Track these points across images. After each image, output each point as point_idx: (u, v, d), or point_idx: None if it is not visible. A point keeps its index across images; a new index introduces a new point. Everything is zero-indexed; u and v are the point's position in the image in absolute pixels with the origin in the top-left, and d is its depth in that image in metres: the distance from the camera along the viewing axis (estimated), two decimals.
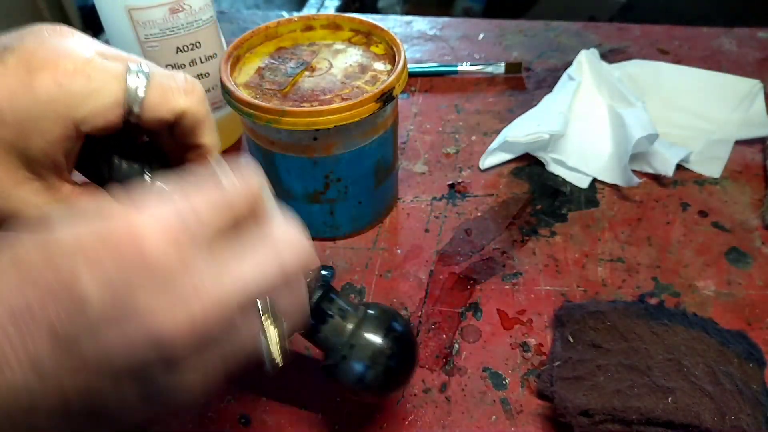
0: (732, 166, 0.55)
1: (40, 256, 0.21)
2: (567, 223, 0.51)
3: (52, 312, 0.20)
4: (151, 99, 0.29)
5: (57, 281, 0.20)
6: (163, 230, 0.21)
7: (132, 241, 0.20)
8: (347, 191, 0.47)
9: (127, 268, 0.20)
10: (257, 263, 0.23)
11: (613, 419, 0.35)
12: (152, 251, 0.20)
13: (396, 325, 0.33)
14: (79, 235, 0.21)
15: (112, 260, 0.20)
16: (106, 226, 0.21)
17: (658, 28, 0.74)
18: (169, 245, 0.21)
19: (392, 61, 0.46)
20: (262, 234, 0.24)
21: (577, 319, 0.41)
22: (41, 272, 0.20)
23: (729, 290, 0.45)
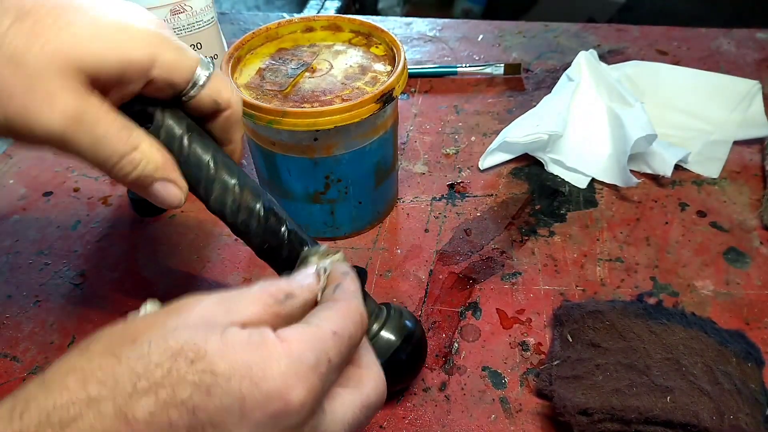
0: (730, 166, 0.55)
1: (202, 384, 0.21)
2: (566, 223, 0.51)
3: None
4: (213, 83, 0.32)
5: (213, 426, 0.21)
6: (311, 389, 0.22)
7: (284, 397, 0.22)
8: (347, 191, 0.47)
9: (272, 424, 0.22)
10: (355, 411, 0.25)
11: (611, 418, 0.35)
12: (299, 412, 0.22)
13: (411, 327, 0.36)
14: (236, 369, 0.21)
15: (264, 416, 0.21)
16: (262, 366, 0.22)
17: (657, 29, 0.74)
18: (311, 404, 0.22)
19: (392, 62, 0.46)
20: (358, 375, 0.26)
21: (575, 318, 0.41)
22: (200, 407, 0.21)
23: (727, 290, 0.45)
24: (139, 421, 0.20)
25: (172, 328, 0.22)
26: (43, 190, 0.57)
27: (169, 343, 0.22)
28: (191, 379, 0.21)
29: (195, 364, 0.21)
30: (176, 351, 0.21)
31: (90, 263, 0.49)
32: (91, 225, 0.53)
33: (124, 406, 0.20)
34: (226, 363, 0.21)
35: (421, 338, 0.37)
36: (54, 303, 0.46)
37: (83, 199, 0.55)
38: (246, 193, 0.33)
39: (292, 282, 0.27)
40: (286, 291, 0.26)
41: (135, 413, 0.20)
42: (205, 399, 0.21)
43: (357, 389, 0.25)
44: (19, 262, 0.50)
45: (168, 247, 0.50)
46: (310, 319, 0.25)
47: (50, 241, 0.52)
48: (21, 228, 0.53)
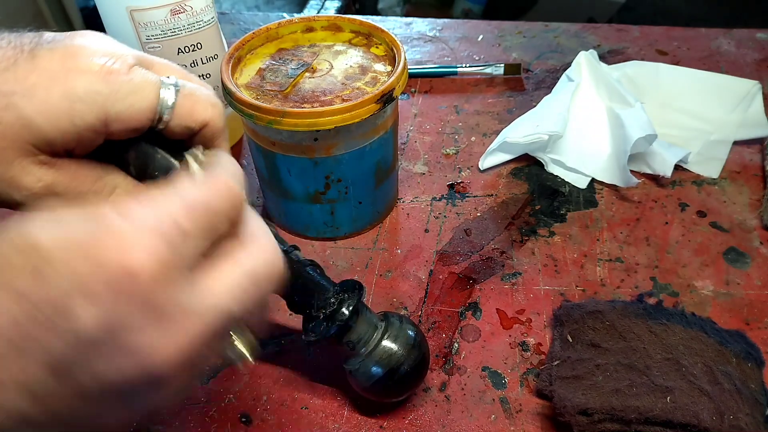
0: (730, 166, 0.55)
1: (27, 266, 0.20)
2: (566, 223, 0.51)
3: (46, 340, 0.20)
4: (181, 108, 0.30)
5: (51, 307, 0.20)
6: (156, 252, 0.21)
7: (126, 264, 0.20)
8: (348, 192, 0.47)
9: (121, 298, 0.20)
10: (236, 285, 0.23)
11: (611, 418, 0.35)
12: (147, 278, 0.20)
13: (413, 336, 0.36)
14: (67, 245, 0.20)
15: (106, 288, 0.20)
16: (96, 238, 0.21)
17: (657, 29, 0.74)
18: (162, 270, 0.21)
19: (392, 62, 0.46)
20: (239, 247, 0.24)
21: (575, 318, 0.41)
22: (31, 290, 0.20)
23: (727, 290, 0.45)
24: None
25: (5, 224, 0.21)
26: None
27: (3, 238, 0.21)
28: (23, 266, 0.20)
29: (26, 252, 0.20)
30: (7, 242, 0.21)
31: None
32: None
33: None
34: (58, 244, 0.20)
35: (423, 346, 0.37)
36: None
37: None
38: None
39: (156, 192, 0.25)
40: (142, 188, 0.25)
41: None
42: (40, 283, 0.20)
43: (235, 260, 0.24)
44: None
45: None
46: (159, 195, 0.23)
47: None
48: None
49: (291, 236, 0.51)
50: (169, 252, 0.21)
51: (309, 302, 0.35)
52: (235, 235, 0.25)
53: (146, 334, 0.21)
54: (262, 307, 0.25)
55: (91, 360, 0.20)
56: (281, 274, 0.25)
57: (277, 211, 0.51)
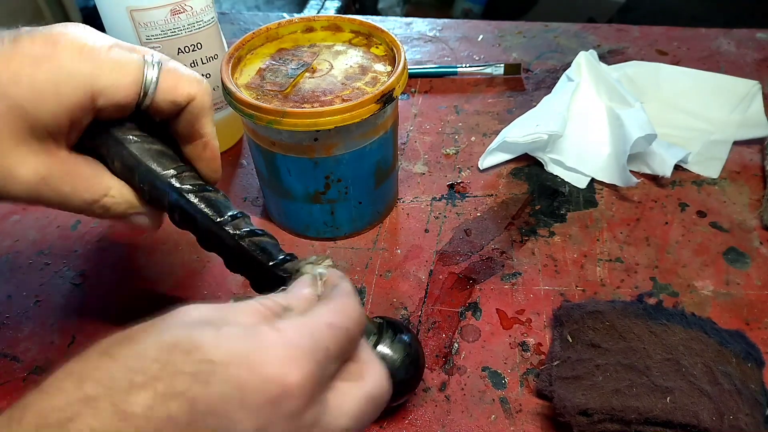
0: (730, 166, 0.55)
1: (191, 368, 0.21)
2: (566, 223, 0.51)
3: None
4: (165, 83, 0.31)
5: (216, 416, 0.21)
6: (308, 371, 0.22)
7: (283, 380, 0.21)
8: (348, 192, 0.47)
9: (275, 412, 0.21)
10: (358, 406, 0.25)
11: (611, 419, 0.35)
12: (298, 396, 0.22)
13: (408, 342, 0.36)
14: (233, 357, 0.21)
15: (265, 402, 0.21)
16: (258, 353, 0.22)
17: (657, 29, 0.74)
18: (311, 389, 0.22)
19: (392, 62, 0.46)
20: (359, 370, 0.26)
21: (575, 318, 0.41)
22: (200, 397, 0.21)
23: (727, 290, 0.45)
24: (137, 416, 0.20)
25: (167, 327, 0.22)
26: None
27: (165, 338, 0.22)
28: (188, 369, 0.21)
29: (191, 355, 0.21)
30: (172, 345, 0.21)
31: (90, 263, 0.49)
32: (91, 225, 0.53)
33: (122, 402, 0.20)
34: (222, 352, 0.21)
35: (418, 351, 0.37)
36: (54, 303, 0.46)
37: None
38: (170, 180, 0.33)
39: (289, 295, 0.27)
40: (282, 303, 0.26)
41: (133, 408, 0.20)
42: (204, 388, 0.21)
43: (359, 382, 0.25)
44: (19, 262, 0.50)
45: (168, 247, 0.50)
46: (305, 314, 0.25)
47: (50, 241, 0.51)
48: (21, 228, 0.53)
49: (291, 236, 0.51)
50: (316, 370, 0.23)
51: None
52: (355, 357, 0.26)
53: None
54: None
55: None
56: (389, 394, 0.27)
57: (277, 211, 0.51)
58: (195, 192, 0.33)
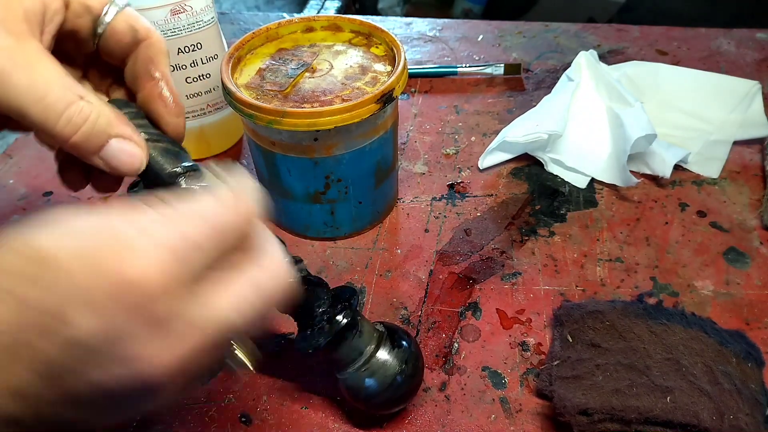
0: (730, 166, 0.55)
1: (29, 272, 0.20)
2: (566, 223, 0.51)
3: (41, 347, 0.19)
4: (129, 12, 0.31)
5: (48, 314, 0.19)
6: (161, 263, 0.20)
7: (129, 274, 0.20)
8: (348, 191, 0.47)
9: (121, 308, 0.20)
10: (241, 298, 0.23)
11: (611, 418, 0.35)
12: (149, 290, 0.20)
13: (407, 347, 0.36)
14: (71, 254, 0.20)
15: (107, 297, 0.20)
16: (102, 248, 0.20)
17: (657, 29, 0.74)
18: (166, 282, 0.20)
19: (392, 62, 0.46)
20: (247, 260, 0.24)
21: (575, 318, 0.41)
22: (30, 296, 0.19)
23: (727, 290, 0.45)
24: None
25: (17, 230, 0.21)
26: (43, 190, 0.57)
27: (8, 241, 0.20)
28: (17, 268, 0.20)
29: (31, 259, 0.20)
30: (14, 248, 0.20)
31: None
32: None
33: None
34: (65, 253, 0.20)
35: (418, 357, 0.36)
36: None
37: (83, 199, 0.55)
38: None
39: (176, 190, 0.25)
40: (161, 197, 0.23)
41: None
42: (40, 290, 0.19)
43: (241, 273, 0.23)
44: None
45: None
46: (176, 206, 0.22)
47: None
48: None
49: (291, 236, 0.51)
50: (177, 265, 0.21)
51: (303, 312, 0.34)
52: (244, 248, 0.24)
53: (144, 345, 0.20)
54: (265, 318, 0.25)
55: (86, 367, 0.20)
56: (288, 287, 0.25)
57: (277, 211, 0.51)
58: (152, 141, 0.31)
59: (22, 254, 0.20)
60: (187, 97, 0.54)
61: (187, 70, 0.52)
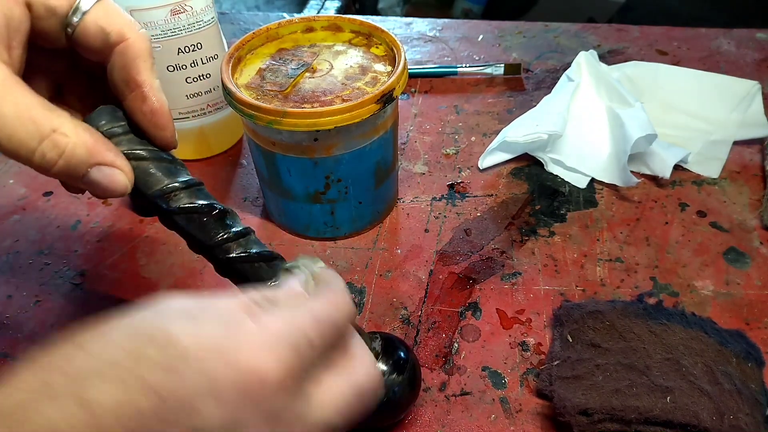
0: (730, 166, 0.55)
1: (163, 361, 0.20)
2: (566, 223, 0.51)
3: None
4: (101, 10, 0.28)
5: (180, 404, 0.20)
6: (283, 358, 0.21)
7: (254, 367, 0.21)
8: (348, 192, 0.47)
9: (245, 400, 0.21)
10: (343, 398, 0.24)
11: (611, 418, 0.35)
12: (270, 383, 0.21)
13: (405, 358, 0.35)
14: (203, 345, 0.21)
15: (233, 389, 0.20)
16: (230, 340, 0.21)
17: (657, 29, 0.74)
18: (285, 377, 0.21)
19: (392, 62, 0.46)
20: (345, 361, 0.25)
21: (575, 318, 0.41)
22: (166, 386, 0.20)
23: (727, 290, 0.45)
24: (104, 409, 0.19)
25: (143, 318, 0.21)
26: (43, 190, 0.57)
27: (137, 328, 0.21)
28: (161, 362, 0.20)
29: (165, 349, 0.20)
30: (146, 336, 0.20)
31: (90, 263, 0.49)
32: (91, 225, 0.53)
33: (86, 393, 0.19)
34: (196, 343, 0.20)
35: (415, 367, 0.36)
36: (54, 303, 0.46)
37: (83, 199, 0.55)
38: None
39: (278, 290, 0.26)
40: (268, 296, 0.24)
41: (100, 401, 0.19)
42: (173, 380, 0.20)
43: (345, 374, 0.25)
44: (19, 262, 0.50)
45: (168, 247, 0.50)
46: (291, 307, 0.24)
47: (50, 241, 0.52)
48: (21, 228, 0.53)
49: (291, 236, 0.51)
50: (297, 362, 0.22)
51: None
52: (342, 349, 0.25)
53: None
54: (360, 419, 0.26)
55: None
56: (380, 387, 0.26)
57: (277, 211, 0.51)
58: (184, 212, 0.31)
59: (155, 341, 0.20)
60: (187, 97, 0.54)
61: (187, 70, 0.52)
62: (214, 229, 0.32)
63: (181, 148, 0.58)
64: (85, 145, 0.26)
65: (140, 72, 0.29)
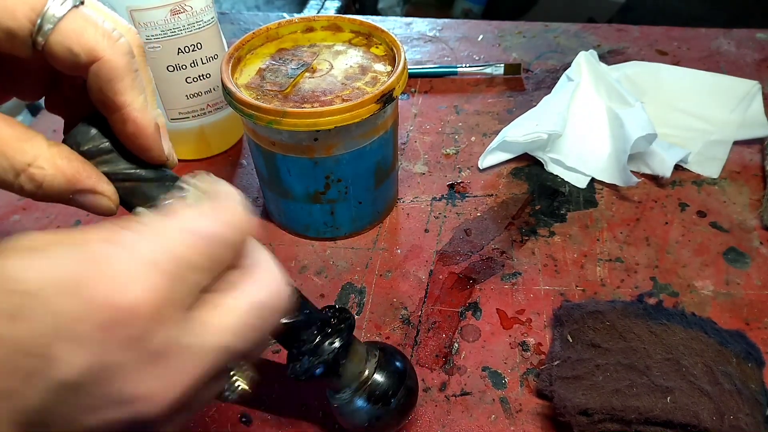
0: (730, 166, 0.55)
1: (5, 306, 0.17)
2: (566, 223, 0.51)
3: (25, 394, 0.17)
4: (70, 25, 0.25)
5: (32, 354, 0.17)
6: (153, 287, 0.19)
7: (119, 301, 0.18)
8: (348, 192, 0.47)
9: (113, 340, 0.18)
10: (241, 319, 0.21)
11: (612, 418, 0.35)
12: (142, 317, 0.18)
13: (401, 368, 0.35)
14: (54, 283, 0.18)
15: (96, 329, 0.18)
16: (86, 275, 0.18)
17: (657, 29, 0.74)
18: (160, 308, 0.19)
19: (392, 62, 0.46)
20: (243, 278, 0.22)
21: (576, 318, 0.41)
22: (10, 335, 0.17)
23: (727, 290, 0.45)
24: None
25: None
26: None
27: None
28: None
29: (3, 291, 0.18)
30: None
31: None
32: (91, 225, 0.53)
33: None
34: (42, 280, 0.18)
35: (412, 378, 0.35)
36: None
37: None
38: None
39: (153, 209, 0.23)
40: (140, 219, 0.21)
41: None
42: (19, 327, 0.17)
43: (238, 291, 0.22)
44: None
45: None
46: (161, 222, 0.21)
47: None
48: (21, 228, 0.53)
49: (291, 236, 0.51)
50: (169, 288, 0.19)
51: (294, 337, 0.32)
52: (239, 266, 0.23)
53: (139, 380, 0.19)
54: (264, 339, 0.23)
55: (74, 410, 0.18)
56: (287, 304, 0.23)
57: (277, 211, 0.51)
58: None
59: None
60: (186, 97, 0.54)
61: (187, 70, 0.52)
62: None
63: (181, 148, 0.59)
64: (64, 175, 0.26)
65: (117, 93, 0.26)
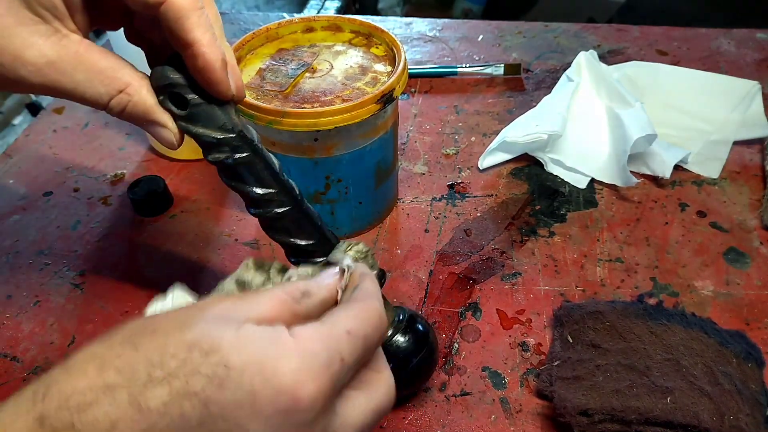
0: (730, 166, 0.55)
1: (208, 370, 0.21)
2: (566, 223, 0.51)
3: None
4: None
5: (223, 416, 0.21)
6: (322, 386, 0.22)
7: (295, 393, 0.21)
8: (348, 192, 0.47)
9: (284, 422, 0.21)
10: (366, 416, 0.25)
11: (612, 419, 0.35)
12: (308, 409, 0.22)
13: (422, 330, 0.36)
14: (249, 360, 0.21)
15: (275, 412, 0.21)
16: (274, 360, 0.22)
17: (657, 29, 0.74)
18: (322, 403, 0.22)
19: (392, 62, 0.46)
20: (374, 379, 0.26)
21: (576, 319, 0.41)
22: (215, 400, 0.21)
23: (727, 290, 0.45)
24: (152, 410, 0.21)
25: (190, 322, 0.23)
26: (43, 190, 0.57)
27: (186, 335, 0.22)
28: (205, 371, 0.21)
29: (209, 357, 0.21)
30: (192, 343, 0.22)
31: (90, 263, 0.49)
32: (91, 225, 0.53)
33: (139, 394, 0.21)
34: (240, 357, 0.21)
35: (433, 342, 0.37)
36: (54, 303, 0.46)
37: (83, 199, 0.55)
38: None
39: (311, 281, 0.27)
40: (303, 290, 0.26)
41: (148, 402, 0.21)
42: (218, 392, 0.21)
43: (370, 393, 0.25)
44: (19, 262, 0.50)
45: (168, 247, 0.50)
46: (325, 318, 0.25)
47: (50, 241, 0.52)
48: (21, 228, 0.53)
49: None
50: (333, 386, 0.23)
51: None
52: (369, 365, 0.26)
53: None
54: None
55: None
56: (391, 408, 0.27)
57: None
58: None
59: (203, 349, 0.21)
60: None
61: None
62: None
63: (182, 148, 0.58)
64: (144, 105, 0.30)
65: (186, 31, 0.28)
